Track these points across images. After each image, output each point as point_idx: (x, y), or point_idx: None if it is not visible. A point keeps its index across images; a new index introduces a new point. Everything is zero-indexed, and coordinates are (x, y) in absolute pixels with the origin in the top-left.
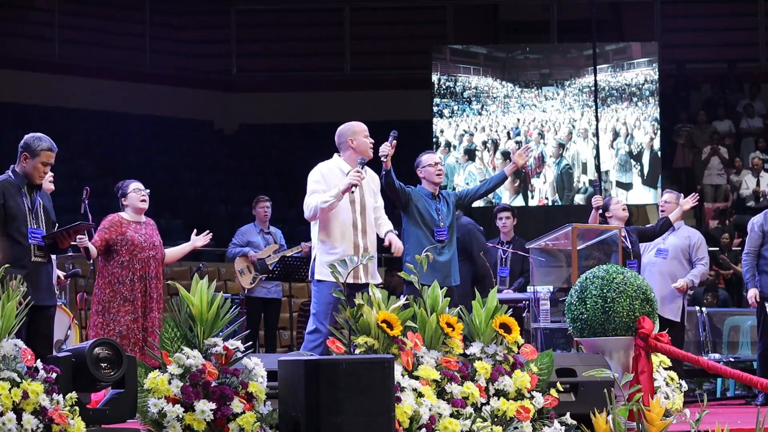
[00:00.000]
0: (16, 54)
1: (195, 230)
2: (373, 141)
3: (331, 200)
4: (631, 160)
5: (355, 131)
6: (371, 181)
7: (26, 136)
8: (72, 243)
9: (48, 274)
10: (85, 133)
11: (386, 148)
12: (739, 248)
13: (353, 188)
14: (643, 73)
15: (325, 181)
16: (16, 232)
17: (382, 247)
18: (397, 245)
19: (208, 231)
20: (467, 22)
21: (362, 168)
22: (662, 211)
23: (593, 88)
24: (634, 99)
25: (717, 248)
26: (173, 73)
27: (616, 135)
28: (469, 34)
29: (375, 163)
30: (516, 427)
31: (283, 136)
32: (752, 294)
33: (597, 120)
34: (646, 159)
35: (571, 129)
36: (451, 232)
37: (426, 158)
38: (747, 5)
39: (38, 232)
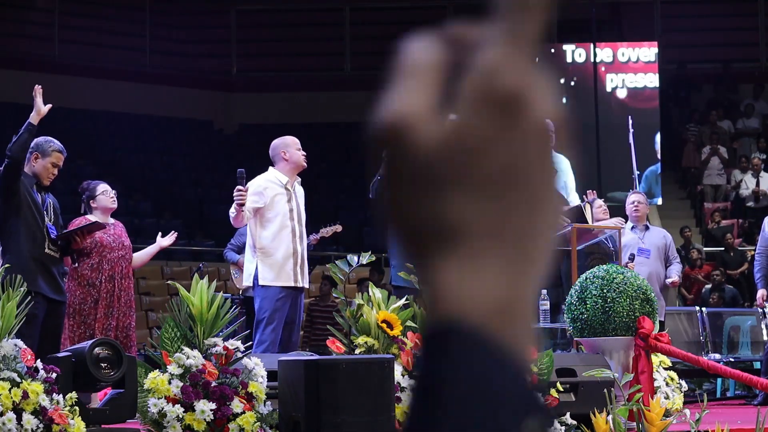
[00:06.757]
0: (16, 54)
1: (159, 233)
2: (305, 153)
3: (234, 213)
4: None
5: (287, 144)
6: (300, 195)
7: (37, 138)
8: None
9: (58, 271)
10: (85, 133)
11: None
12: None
13: (241, 207)
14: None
15: (262, 197)
16: (32, 219)
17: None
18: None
19: (173, 231)
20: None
21: (242, 181)
22: (635, 210)
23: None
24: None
25: (722, 248)
26: (173, 73)
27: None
28: None
29: (308, 173)
30: None
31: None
32: (761, 294)
33: (597, 122)
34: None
35: None
36: None
37: None
38: (747, 5)
39: (53, 228)
